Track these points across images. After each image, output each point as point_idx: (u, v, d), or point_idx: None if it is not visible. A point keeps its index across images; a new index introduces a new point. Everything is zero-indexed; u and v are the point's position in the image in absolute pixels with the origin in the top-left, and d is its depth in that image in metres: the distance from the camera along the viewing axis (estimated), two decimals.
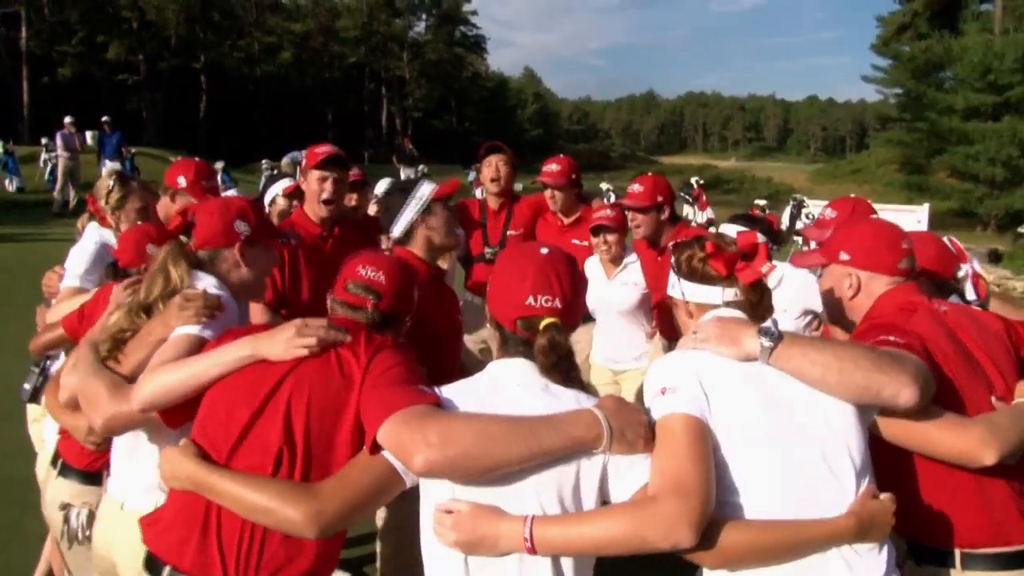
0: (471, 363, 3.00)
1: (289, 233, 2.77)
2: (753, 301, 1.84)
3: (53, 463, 2.52)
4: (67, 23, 38.29)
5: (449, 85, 62.03)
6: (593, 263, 4.24)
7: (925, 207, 19.03)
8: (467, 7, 64.22)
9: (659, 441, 1.62)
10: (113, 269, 2.85)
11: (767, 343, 1.68)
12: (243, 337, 1.86)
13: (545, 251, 1.80)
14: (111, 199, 3.37)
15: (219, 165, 17.01)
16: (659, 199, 3.88)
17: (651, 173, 4.32)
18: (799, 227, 15.09)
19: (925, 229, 13.08)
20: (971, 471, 1.87)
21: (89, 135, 19.69)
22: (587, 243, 4.24)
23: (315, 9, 53.21)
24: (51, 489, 2.49)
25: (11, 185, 19.54)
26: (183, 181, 3.43)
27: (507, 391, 1.70)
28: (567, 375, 1.73)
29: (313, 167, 3.38)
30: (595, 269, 4.23)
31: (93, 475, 2.40)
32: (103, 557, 2.19)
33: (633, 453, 1.61)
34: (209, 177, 3.55)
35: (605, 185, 20.74)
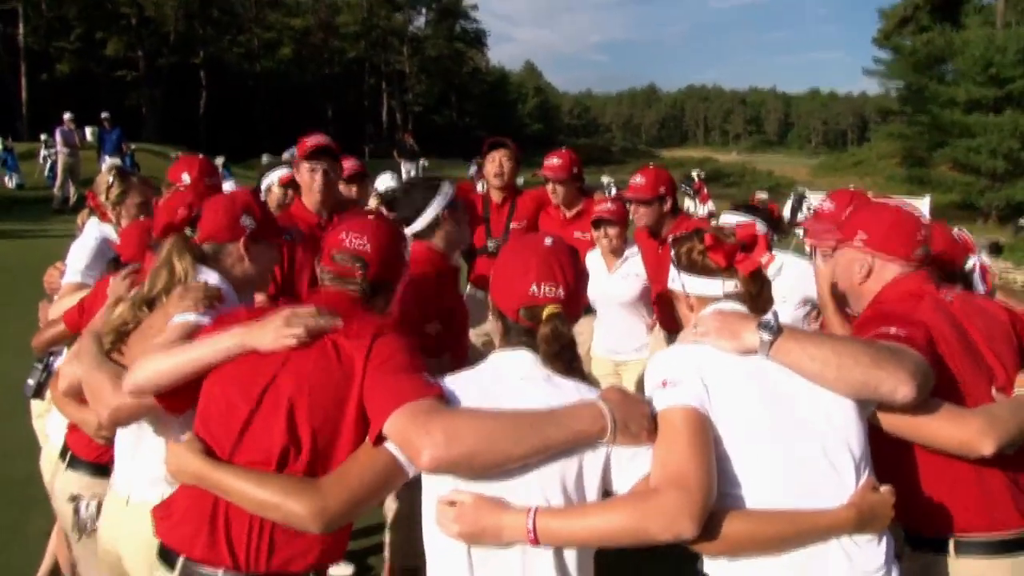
0: (474, 356, 3.02)
1: (290, 230, 2.78)
2: (753, 292, 1.84)
3: (62, 456, 2.53)
4: (65, 19, 38.19)
5: (449, 80, 61.95)
6: (594, 256, 4.25)
7: (926, 200, 19.05)
8: (467, 2, 64.03)
9: (660, 434, 1.62)
10: (115, 264, 2.85)
11: (767, 337, 1.69)
12: (235, 327, 1.84)
13: (548, 242, 1.81)
14: (111, 194, 3.38)
15: (219, 161, 16.98)
16: (661, 190, 3.90)
17: (653, 165, 4.32)
18: (800, 220, 15.10)
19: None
20: (970, 462, 1.87)
21: (89, 131, 19.64)
22: (589, 236, 4.27)
23: (315, 5, 53.05)
24: (60, 481, 2.49)
25: (11, 182, 19.51)
26: (187, 178, 3.43)
27: (509, 382, 1.70)
28: (569, 365, 1.73)
29: (303, 158, 3.41)
30: (596, 262, 4.24)
31: (102, 467, 2.40)
32: (109, 551, 2.19)
33: (637, 445, 1.62)
34: (212, 174, 3.54)
35: (606, 179, 20.77)
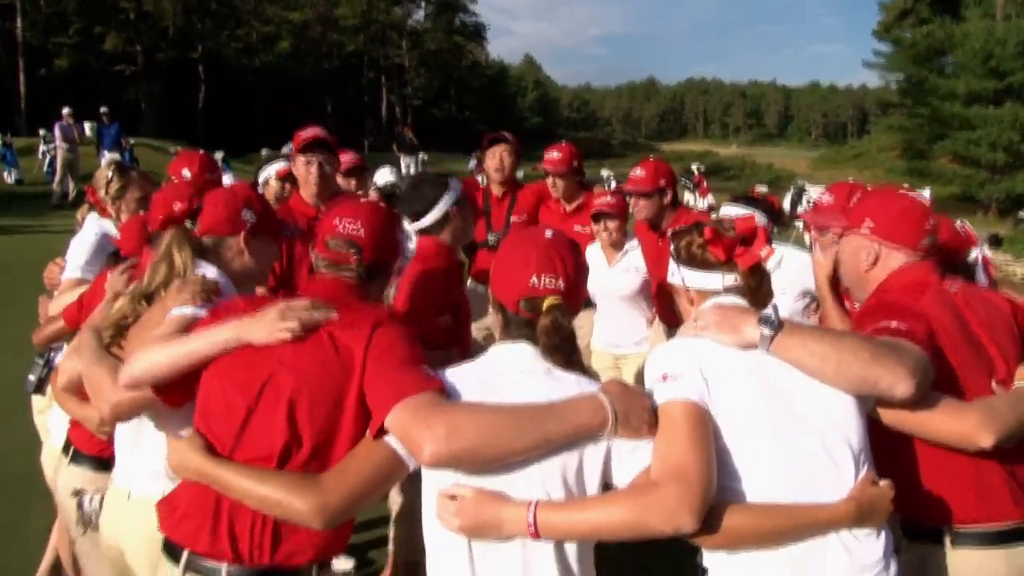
0: (475, 350, 3.04)
1: (289, 226, 2.78)
2: (753, 286, 1.84)
3: (65, 450, 2.53)
4: (63, 14, 38.04)
5: (449, 73, 61.75)
6: (594, 250, 4.25)
7: (926, 192, 18.99)
8: None
9: (660, 427, 1.62)
10: (114, 259, 2.85)
11: (767, 332, 1.69)
12: (231, 319, 1.83)
13: (549, 234, 1.81)
14: (111, 189, 3.38)
15: (219, 155, 16.96)
16: (661, 183, 3.90)
17: (653, 158, 4.32)
18: (800, 213, 15.07)
19: None
20: (969, 454, 1.87)
21: (87, 126, 19.54)
22: (589, 230, 4.26)
23: None
24: (63, 476, 2.49)
25: (10, 177, 19.50)
26: (187, 174, 3.42)
27: (509, 375, 1.70)
28: (569, 357, 1.73)
29: (298, 151, 3.41)
30: (596, 255, 4.24)
31: (105, 461, 2.40)
32: (111, 546, 2.19)
33: (637, 438, 1.62)
34: (213, 170, 3.54)
35: (606, 172, 20.71)
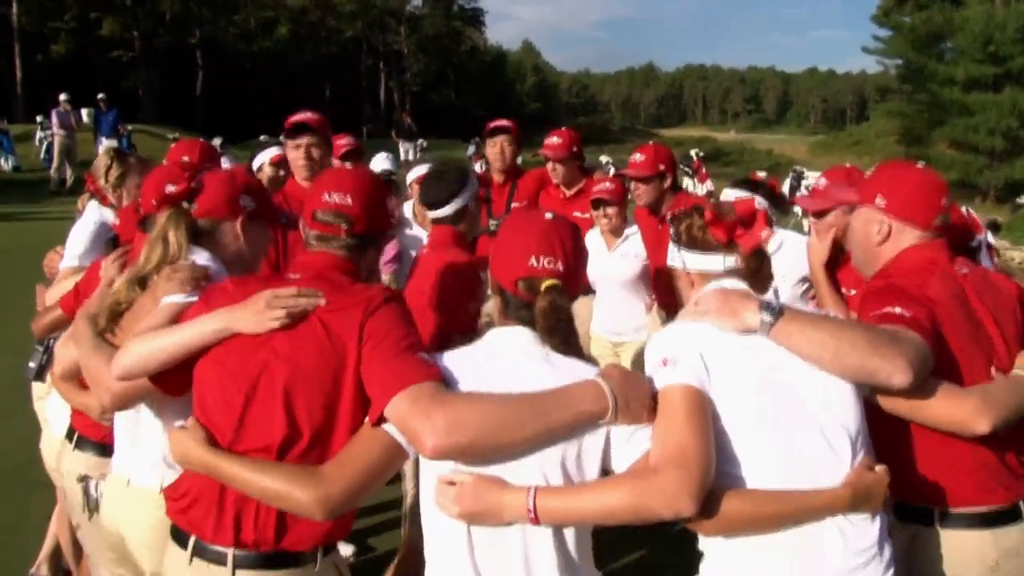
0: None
1: (284, 214, 2.78)
2: (753, 268, 1.84)
3: (68, 437, 2.53)
4: None
5: (447, 59, 61.41)
6: (594, 235, 4.25)
7: None
8: None
9: (660, 412, 1.62)
10: (112, 246, 2.84)
11: (767, 318, 1.69)
12: (220, 308, 1.81)
13: (549, 216, 1.80)
14: (110, 177, 3.37)
15: (217, 141, 16.90)
16: (661, 168, 3.90)
17: (652, 143, 4.31)
18: (797, 198, 15.05)
19: None
20: (967, 440, 1.88)
21: (85, 113, 19.43)
22: (589, 215, 4.26)
23: None
24: (68, 462, 2.49)
25: (7, 164, 19.44)
26: (187, 160, 3.41)
27: (506, 359, 1.69)
28: (567, 340, 1.72)
29: (286, 136, 3.42)
30: (596, 241, 4.24)
31: (109, 447, 2.39)
32: (111, 533, 2.19)
33: (638, 424, 1.62)
34: (213, 158, 3.53)
35: (605, 158, 20.69)
